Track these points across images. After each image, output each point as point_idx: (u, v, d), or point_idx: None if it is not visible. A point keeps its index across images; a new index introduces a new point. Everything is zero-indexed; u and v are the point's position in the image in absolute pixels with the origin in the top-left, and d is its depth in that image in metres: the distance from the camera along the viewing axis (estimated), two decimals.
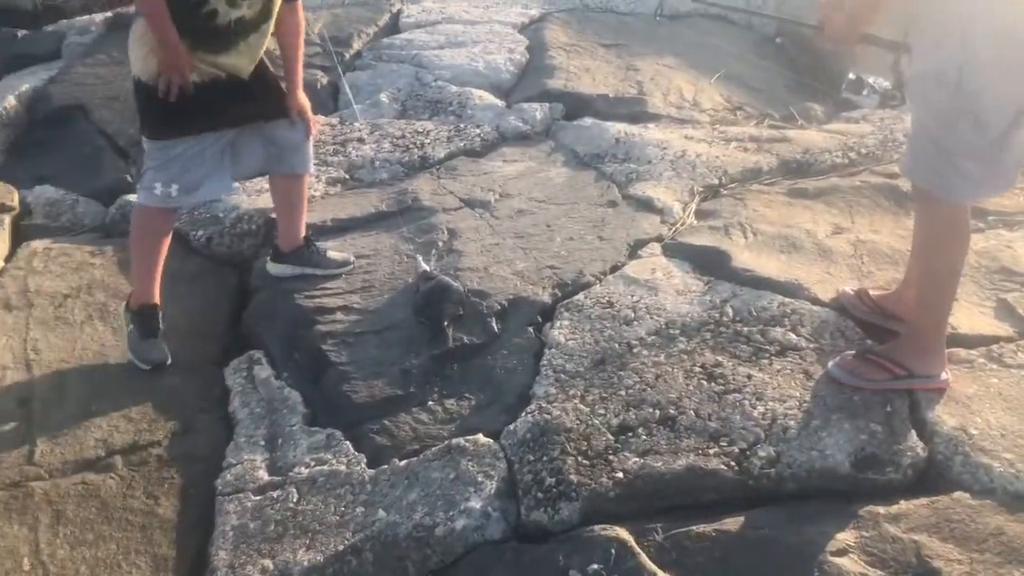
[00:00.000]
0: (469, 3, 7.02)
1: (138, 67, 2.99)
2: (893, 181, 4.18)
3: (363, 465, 2.76)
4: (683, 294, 3.35)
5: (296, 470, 2.77)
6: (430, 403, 2.99)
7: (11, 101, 5.37)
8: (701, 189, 4.22)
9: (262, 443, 2.92)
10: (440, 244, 3.80)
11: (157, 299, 3.30)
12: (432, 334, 3.24)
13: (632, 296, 3.35)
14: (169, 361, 3.27)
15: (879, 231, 3.77)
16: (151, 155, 3.13)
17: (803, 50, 6.11)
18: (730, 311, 3.21)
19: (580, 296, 3.39)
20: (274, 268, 3.69)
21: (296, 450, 2.86)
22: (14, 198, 4.42)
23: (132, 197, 4.46)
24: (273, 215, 4.01)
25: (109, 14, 6.81)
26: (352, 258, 3.72)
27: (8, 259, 3.99)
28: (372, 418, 2.95)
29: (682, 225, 3.91)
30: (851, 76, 2.98)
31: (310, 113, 3.37)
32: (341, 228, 4.01)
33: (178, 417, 3.07)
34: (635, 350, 3.07)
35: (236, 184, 3.89)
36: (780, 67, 5.95)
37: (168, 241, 3.32)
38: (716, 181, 4.28)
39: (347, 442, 2.86)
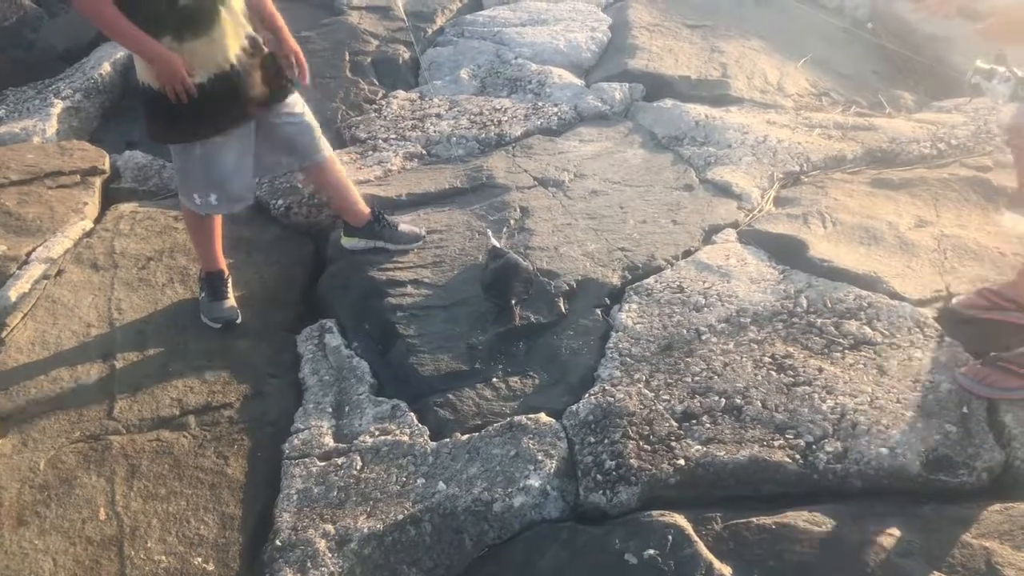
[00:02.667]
0: None
1: (142, 73, 2.92)
2: (983, 175, 4.02)
3: (426, 437, 2.79)
4: (757, 282, 3.28)
5: (361, 438, 2.82)
6: (494, 380, 3.00)
7: (106, 68, 5.54)
8: (781, 176, 4.12)
9: (329, 410, 2.98)
10: (512, 222, 3.80)
11: (222, 265, 3.44)
12: (499, 311, 3.25)
13: (704, 282, 3.30)
14: (239, 320, 3.38)
15: (965, 226, 3.63)
16: (174, 158, 3.15)
17: (895, 35, 5.89)
18: (804, 302, 3.13)
19: (650, 280, 3.35)
20: (346, 242, 3.75)
21: (362, 419, 2.91)
22: (105, 162, 4.58)
23: None
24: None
25: None
26: (423, 232, 3.76)
27: (97, 221, 4.14)
28: (437, 391, 2.98)
29: (759, 212, 3.83)
30: (980, 63, 2.84)
31: (302, 56, 3.21)
32: (415, 203, 4.05)
33: (250, 381, 3.15)
34: (704, 337, 3.03)
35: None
36: (870, 53, 5.75)
37: (219, 230, 3.40)
38: (797, 168, 4.17)
39: (411, 414, 2.90)
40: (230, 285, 3.45)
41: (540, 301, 3.30)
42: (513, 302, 3.25)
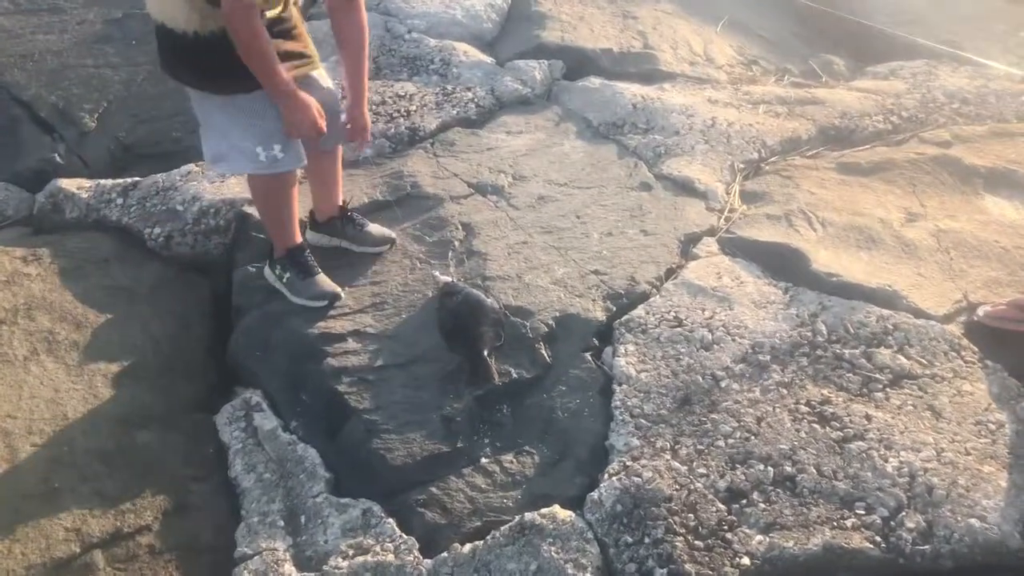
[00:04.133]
0: None
1: (182, 18, 2.40)
2: (949, 152, 3.74)
3: (416, 553, 2.22)
4: (762, 306, 2.85)
5: (332, 562, 2.21)
6: (483, 461, 2.45)
7: None
8: (742, 165, 3.70)
9: (281, 523, 2.35)
10: (456, 244, 3.20)
11: (300, 237, 2.98)
12: (471, 367, 2.67)
13: (703, 310, 2.84)
14: (343, 295, 2.96)
15: (955, 216, 3.33)
16: (211, 113, 2.63)
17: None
18: (823, 328, 2.73)
19: (640, 311, 2.86)
20: (311, 236, 3.19)
21: (327, 532, 2.30)
22: None
23: (65, 183, 3.73)
24: (246, 208, 3.38)
25: None
26: (393, 236, 3.23)
27: None
28: (415, 485, 2.40)
29: (733, 213, 3.39)
30: None
31: (369, 135, 2.91)
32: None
33: (167, 489, 2.46)
34: (723, 383, 2.57)
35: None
36: (784, 12, 5.41)
37: (296, 194, 2.85)
38: (755, 155, 3.76)
39: (389, 520, 2.31)
40: None
41: (517, 348, 2.74)
42: (485, 352, 2.68)
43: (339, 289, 2.96)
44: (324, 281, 2.95)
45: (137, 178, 3.74)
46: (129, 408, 2.72)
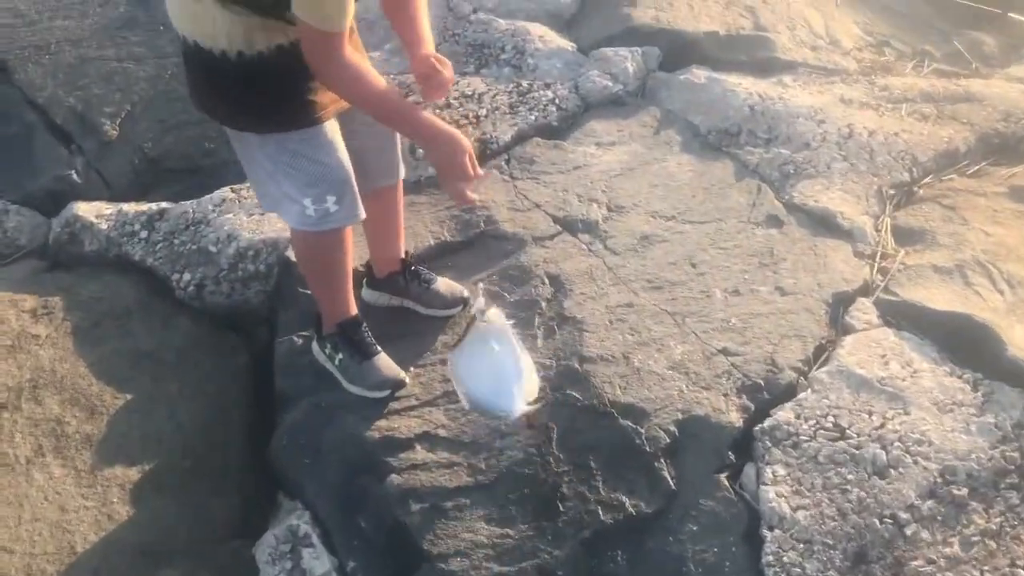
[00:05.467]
0: None
1: (222, 33, 1.83)
2: None
3: None
4: (947, 410, 2.20)
5: None
6: None
7: None
8: (891, 191, 3.01)
9: None
10: (543, 305, 2.59)
11: (355, 308, 2.40)
12: (572, 490, 2.09)
13: (870, 414, 2.20)
14: (408, 380, 2.40)
15: None
16: (256, 159, 2.07)
17: None
18: None
19: (788, 413, 2.23)
20: (367, 294, 2.66)
21: None
22: None
23: (82, 208, 3.22)
24: (289, 251, 2.81)
25: None
26: (467, 294, 2.61)
27: None
28: None
29: (888, 260, 2.72)
30: None
31: (450, 75, 2.04)
32: None
33: None
34: (908, 530, 1.96)
35: None
36: None
37: (351, 253, 2.30)
38: (907, 176, 3.07)
39: None
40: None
41: (630, 464, 2.15)
42: (594, 470, 2.09)
43: (403, 375, 2.38)
44: (385, 364, 2.38)
45: (164, 204, 3.20)
46: (151, 534, 2.21)
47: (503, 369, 2.08)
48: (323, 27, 1.73)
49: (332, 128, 2.05)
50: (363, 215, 2.17)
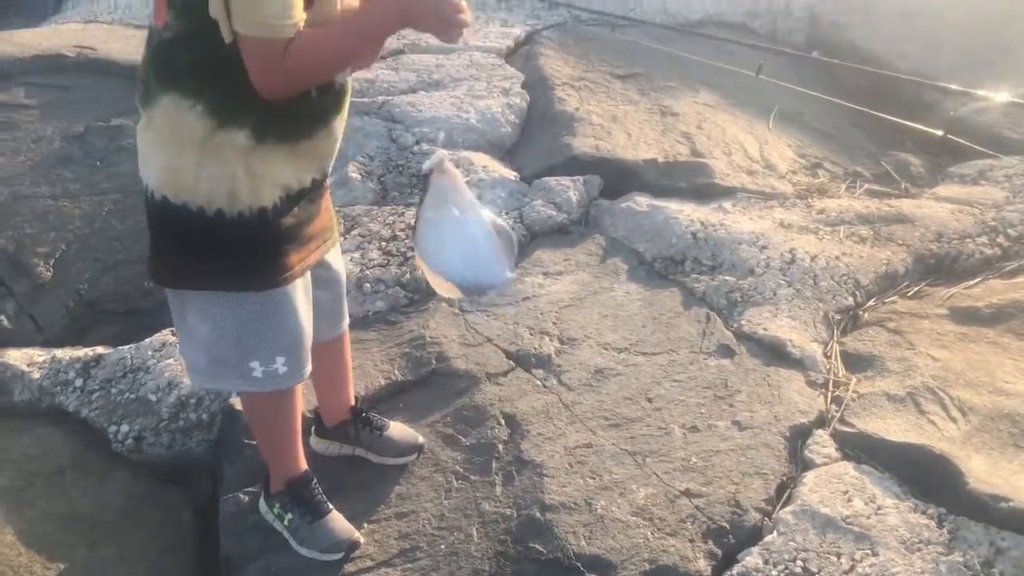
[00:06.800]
0: None
1: (158, 178, 1.78)
2: None
3: None
4: (915, 549, 2.17)
5: None
6: None
7: None
8: (836, 316, 3.05)
9: None
10: (500, 448, 2.53)
11: (304, 464, 2.28)
12: None
13: (839, 555, 2.16)
14: (362, 540, 2.27)
15: None
16: (188, 313, 1.94)
17: (856, 70, 4.96)
18: None
19: (755, 558, 2.17)
20: (316, 443, 2.55)
21: None
22: None
23: (13, 355, 3.09)
24: (232, 398, 2.71)
25: None
26: (421, 441, 2.54)
27: None
28: None
29: (841, 388, 2.73)
30: None
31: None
32: None
33: None
34: None
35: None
36: (835, 94, 4.78)
37: (300, 407, 2.23)
38: (850, 300, 3.12)
39: None
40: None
41: None
42: None
43: (357, 535, 2.27)
44: (339, 524, 2.27)
45: (100, 349, 3.09)
46: None
47: (473, 238, 1.81)
48: (263, 34, 1.58)
49: (301, 284, 1.99)
50: (309, 371, 2.10)
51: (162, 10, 1.68)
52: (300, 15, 1.61)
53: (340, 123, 1.91)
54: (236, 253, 1.82)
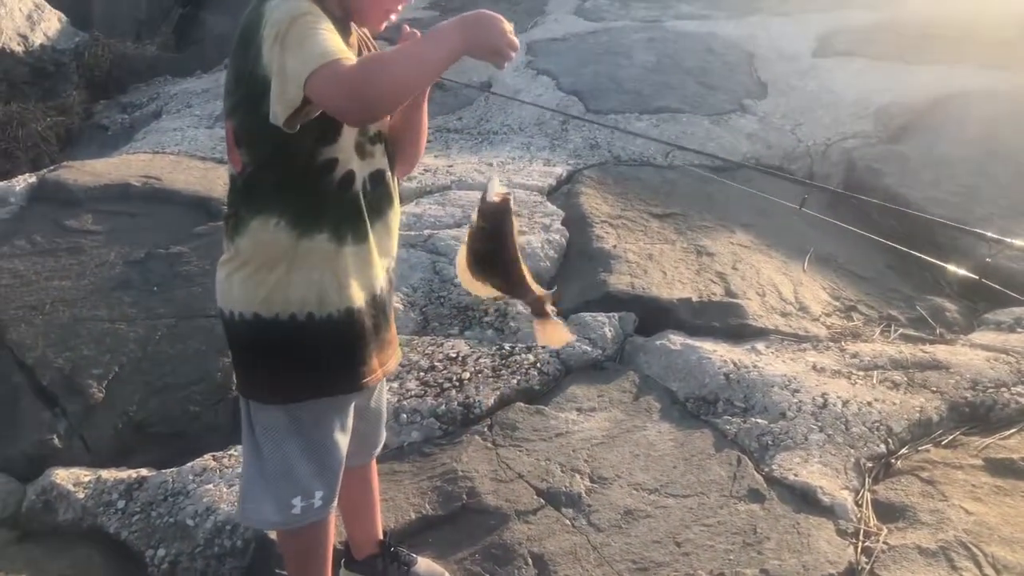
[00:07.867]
0: (479, 159, 5.86)
1: (247, 297, 1.93)
2: None
3: None
4: None
5: None
6: None
7: None
8: (868, 463, 3.04)
9: None
10: None
11: None
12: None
13: None
14: None
15: None
16: (263, 442, 2.02)
17: (893, 213, 5.05)
18: None
19: None
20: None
21: None
22: None
23: (60, 475, 3.19)
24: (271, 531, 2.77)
25: (33, 179, 5.46)
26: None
27: None
28: None
29: (871, 538, 2.71)
30: None
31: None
32: None
33: None
34: None
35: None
36: (869, 234, 4.86)
37: (332, 540, 2.28)
38: (883, 448, 3.11)
39: None
40: None
41: None
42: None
43: None
44: None
45: (144, 471, 3.19)
46: None
47: None
48: (320, 63, 1.63)
49: (338, 405, 2.07)
50: (336, 501, 2.17)
51: (235, 156, 1.88)
52: (345, 51, 1.69)
53: (395, 217, 2.05)
54: (326, 355, 1.95)
